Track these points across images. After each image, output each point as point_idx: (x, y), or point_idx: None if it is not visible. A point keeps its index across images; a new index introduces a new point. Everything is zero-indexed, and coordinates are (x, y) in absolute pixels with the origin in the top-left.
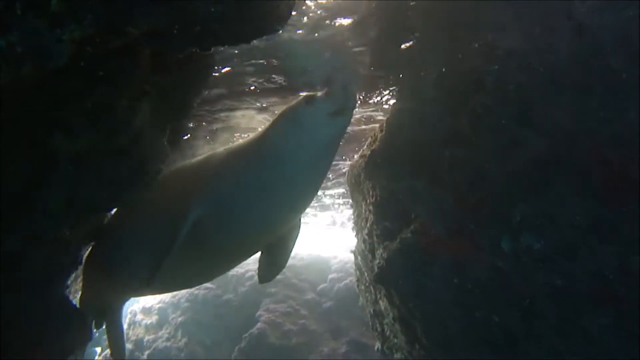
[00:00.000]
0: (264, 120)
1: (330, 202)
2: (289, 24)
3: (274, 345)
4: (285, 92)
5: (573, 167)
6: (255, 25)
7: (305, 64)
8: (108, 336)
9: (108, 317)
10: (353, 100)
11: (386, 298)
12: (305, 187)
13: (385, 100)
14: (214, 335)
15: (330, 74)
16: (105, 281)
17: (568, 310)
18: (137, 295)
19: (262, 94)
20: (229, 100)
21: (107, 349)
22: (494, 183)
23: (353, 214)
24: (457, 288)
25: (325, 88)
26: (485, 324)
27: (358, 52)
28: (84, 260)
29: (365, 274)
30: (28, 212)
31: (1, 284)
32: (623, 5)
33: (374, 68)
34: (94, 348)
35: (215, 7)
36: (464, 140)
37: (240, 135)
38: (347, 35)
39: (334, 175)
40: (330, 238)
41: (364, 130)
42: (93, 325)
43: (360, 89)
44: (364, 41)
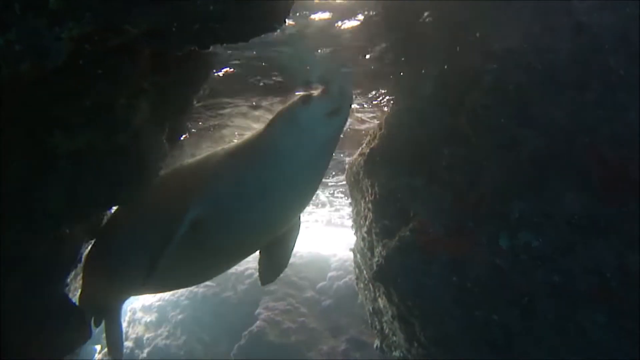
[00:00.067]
0: (261, 118)
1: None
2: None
3: (273, 343)
4: (282, 91)
5: (572, 166)
6: (254, 24)
7: (301, 63)
8: (106, 335)
9: (107, 316)
10: (349, 99)
11: (385, 296)
12: (304, 187)
13: (386, 100)
14: (214, 333)
15: (327, 74)
16: (105, 280)
17: (566, 308)
18: (137, 294)
19: (260, 92)
20: (227, 99)
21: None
22: (493, 182)
23: (352, 211)
24: (456, 286)
25: (321, 87)
26: (483, 322)
27: (356, 52)
28: (83, 259)
29: (365, 272)
30: (27, 211)
31: (1, 283)
32: (623, 4)
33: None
34: (94, 346)
35: (214, 6)
36: (463, 139)
37: (239, 133)
38: (347, 35)
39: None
40: (329, 236)
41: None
42: (92, 323)
43: (356, 88)
44: (364, 41)
